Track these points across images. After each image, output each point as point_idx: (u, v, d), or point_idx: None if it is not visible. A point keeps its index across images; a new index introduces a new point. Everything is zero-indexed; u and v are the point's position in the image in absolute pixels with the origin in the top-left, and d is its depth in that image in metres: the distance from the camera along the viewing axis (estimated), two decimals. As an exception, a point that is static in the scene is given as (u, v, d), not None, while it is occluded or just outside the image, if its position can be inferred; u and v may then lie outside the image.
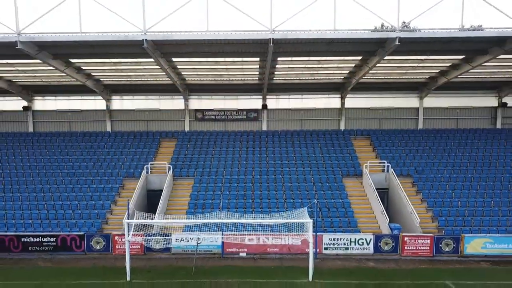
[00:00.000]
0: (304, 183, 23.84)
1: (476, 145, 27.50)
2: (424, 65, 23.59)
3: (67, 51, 19.84)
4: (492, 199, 22.14)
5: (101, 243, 18.46)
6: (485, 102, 29.64)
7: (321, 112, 29.62)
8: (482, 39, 19.05)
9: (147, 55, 19.74)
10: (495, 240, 18.22)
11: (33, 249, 18.47)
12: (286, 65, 23.09)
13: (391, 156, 26.17)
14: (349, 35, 18.01)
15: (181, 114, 29.75)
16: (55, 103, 29.82)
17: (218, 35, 17.97)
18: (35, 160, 26.45)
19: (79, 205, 22.06)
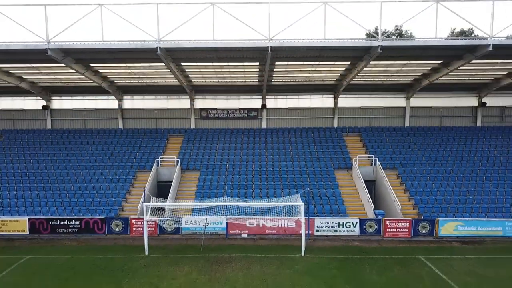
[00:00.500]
0: (299, 175, 26.16)
1: (457, 141, 29.76)
2: (407, 69, 25.88)
3: (89, 56, 22.17)
4: (467, 189, 24.46)
5: (120, 225, 20.79)
6: (467, 102, 31.89)
7: (315, 111, 31.90)
8: (454, 46, 21.37)
9: (159, 60, 22.07)
10: (465, 223, 20.53)
11: (60, 231, 20.79)
12: (283, 68, 25.38)
13: (379, 151, 28.47)
14: (337, 43, 20.32)
15: (187, 113, 32.03)
16: (71, 102, 32.09)
17: (223, 43, 20.27)
18: (55, 154, 28.71)
19: (97, 194, 24.41)
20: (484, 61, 23.84)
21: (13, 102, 32.08)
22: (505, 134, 30.41)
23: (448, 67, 24.25)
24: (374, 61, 22.58)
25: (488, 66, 25.33)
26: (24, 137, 30.81)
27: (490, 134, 30.66)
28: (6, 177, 26.17)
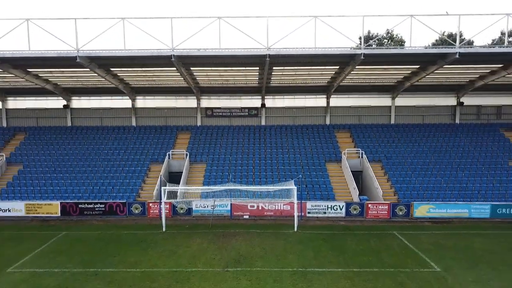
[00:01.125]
0: (294, 166, 29.18)
1: (437, 137, 32.73)
2: (390, 72, 28.87)
3: (111, 62, 25.19)
4: (442, 179, 27.46)
5: (138, 208, 23.82)
6: (446, 101, 34.85)
7: (310, 109, 34.89)
8: (427, 54, 24.39)
9: (171, 65, 25.08)
10: (436, 206, 23.57)
11: (88, 213, 23.84)
12: (280, 72, 28.35)
13: (366, 145, 31.47)
14: (325, 51, 23.31)
15: (194, 112, 35.02)
16: (89, 102, 35.08)
17: (228, 51, 23.26)
18: (76, 148, 31.70)
19: (116, 183, 27.43)
20: (457, 66, 26.80)
21: (36, 102, 35.08)
22: (480, 131, 33.40)
23: (425, 71, 27.23)
24: (359, 66, 25.57)
25: (462, 70, 28.30)
26: (47, 133, 33.80)
27: (467, 130, 33.63)
28: (34, 168, 29.19)
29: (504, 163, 29.21)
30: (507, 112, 35.00)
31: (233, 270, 15.08)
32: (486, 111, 35.22)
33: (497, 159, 29.62)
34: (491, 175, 27.75)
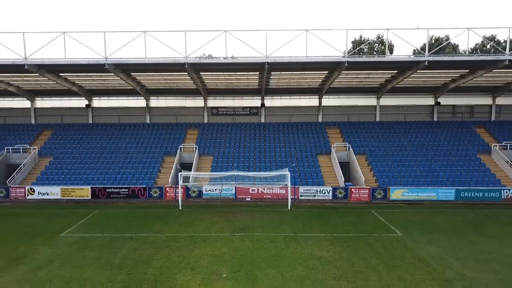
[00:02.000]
0: (290, 158, 32.88)
1: (416, 133, 36.39)
2: (373, 76, 32.55)
3: (133, 68, 28.89)
4: (417, 168, 31.17)
5: (157, 192, 27.55)
6: (425, 101, 38.53)
7: (304, 109, 38.58)
8: (402, 62, 28.07)
9: (184, 71, 28.78)
10: (409, 190, 27.29)
11: (114, 196, 27.57)
12: (277, 76, 32.04)
13: (353, 140, 35.13)
14: (315, 59, 27.02)
15: (201, 110, 38.72)
16: (108, 101, 38.77)
17: (232, 60, 27.01)
18: (98, 143, 35.38)
19: (135, 172, 31.14)
20: (430, 71, 30.51)
21: (61, 102, 38.77)
22: (455, 128, 37.08)
23: (402, 75, 30.94)
24: (345, 71, 29.29)
25: (435, 74, 32.02)
26: (71, 130, 37.51)
27: (443, 127, 37.30)
28: (63, 159, 32.90)
29: (473, 155, 32.92)
30: (479, 111, 38.68)
31: (239, 235, 18.81)
32: (461, 110, 38.91)
33: (467, 152, 33.32)
34: (460, 165, 31.44)
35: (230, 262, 15.14)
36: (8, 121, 38.92)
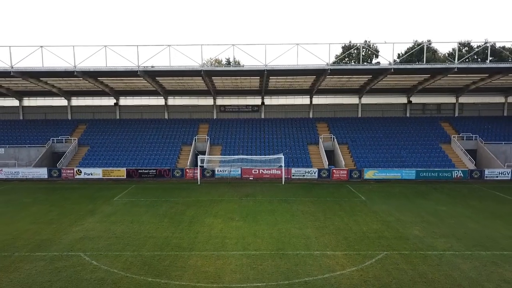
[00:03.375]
0: (285, 146, 38.92)
1: (391, 127, 42.41)
2: (353, 79, 38.58)
3: (159, 74, 34.95)
4: (388, 155, 37.24)
5: (179, 172, 33.66)
6: (399, 100, 44.55)
7: (298, 106, 44.63)
8: (373, 69, 34.08)
9: (199, 76, 34.83)
10: (379, 171, 33.38)
11: (144, 176, 33.68)
12: (275, 80, 38.08)
13: (338, 132, 41.18)
14: (304, 67, 33.06)
15: (211, 108, 44.78)
16: (132, 100, 44.83)
17: (238, 67, 33.09)
18: (125, 135, 41.42)
19: (159, 157, 37.23)
20: (399, 75, 36.55)
21: (93, 100, 44.84)
22: (424, 122, 43.12)
23: (376, 79, 37.00)
24: (329, 75, 35.33)
25: (404, 78, 38.06)
26: (102, 124, 43.59)
27: (414, 122, 43.35)
28: (99, 148, 38.96)
29: (436, 144, 38.99)
30: (445, 108, 44.74)
31: (245, 198, 24.95)
32: (429, 108, 44.98)
33: (431, 142, 39.40)
34: (424, 152, 37.53)
35: (239, 212, 21.31)
36: (48, 117, 45.01)
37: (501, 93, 43.42)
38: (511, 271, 13.00)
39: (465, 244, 15.84)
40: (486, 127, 41.76)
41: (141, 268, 13.25)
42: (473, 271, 12.96)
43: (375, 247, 15.48)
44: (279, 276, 12.58)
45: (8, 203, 24.33)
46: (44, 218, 20.30)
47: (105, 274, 12.79)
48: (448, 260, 13.99)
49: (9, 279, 12.49)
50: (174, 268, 13.27)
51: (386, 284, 11.92)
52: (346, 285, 11.88)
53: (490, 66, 34.02)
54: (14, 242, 16.35)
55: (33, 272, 13.10)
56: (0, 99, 44.40)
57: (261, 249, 15.15)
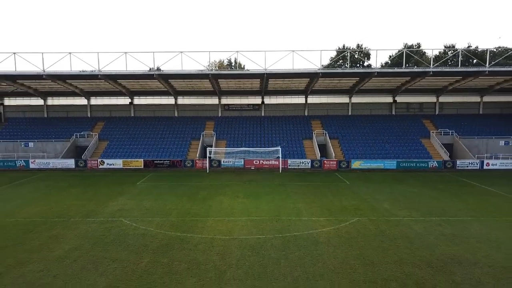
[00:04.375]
0: (282, 140, 42.77)
1: (378, 124, 46.16)
2: (343, 81, 42.40)
3: (172, 77, 38.78)
4: (374, 148, 41.11)
5: (189, 163, 37.54)
6: (386, 99, 48.32)
7: (294, 105, 48.42)
8: (360, 72, 37.90)
9: (207, 78, 38.66)
10: (364, 161, 37.25)
11: (159, 166, 37.55)
12: (274, 81, 41.89)
13: (330, 129, 44.99)
14: (299, 71, 36.88)
15: (216, 107, 48.58)
16: (145, 100, 48.62)
17: (242, 71, 36.81)
18: (140, 131, 45.21)
19: (171, 150, 41.10)
20: (383, 78, 40.37)
21: (110, 100, 48.63)
22: (408, 120, 46.88)
23: (363, 81, 40.83)
24: (321, 78, 39.15)
25: (388, 80, 41.86)
26: (118, 122, 47.41)
27: (399, 119, 47.14)
28: (117, 142, 42.85)
29: (417, 139, 42.81)
30: (427, 107, 48.51)
31: (248, 183, 28.84)
32: (413, 106, 48.76)
33: (412, 137, 43.20)
34: (406, 146, 41.36)
35: (243, 192, 25.23)
36: (70, 115, 48.83)
37: (477, 93, 47.14)
38: (450, 229, 16.93)
39: (421, 213, 19.77)
40: (463, 124, 45.51)
41: (171, 228, 17.19)
42: (420, 229, 16.90)
43: (351, 215, 19.41)
44: (275, 232, 16.52)
45: (49, 187, 28.24)
46: (83, 197, 24.22)
47: (144, 231, 16.73)
48: (404, 223, 17.93)
49: (73, 234, 16.43)
50: (196, 228, 17.21)
51: (354, 237, 15.85)
52: (324, 237, 15.81)
53: (460, 70, 37.86)
54: (67, 212, 20.30)
55: (89, 230, 17.04)
56: (26, 98, 48.18)
57: (261, 216, 19.09)
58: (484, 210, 20.43)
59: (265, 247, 14.54)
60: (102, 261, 13.25)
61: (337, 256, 13.57)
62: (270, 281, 11.55)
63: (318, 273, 12.14)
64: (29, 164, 37.77)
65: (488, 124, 45.12)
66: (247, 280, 11.65)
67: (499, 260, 13.24)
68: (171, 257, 13.59)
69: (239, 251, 14.12)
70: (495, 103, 47.79)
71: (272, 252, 14.00)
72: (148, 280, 11.70)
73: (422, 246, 14.68)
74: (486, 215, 19.49)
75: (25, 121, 47.73)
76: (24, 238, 15.92)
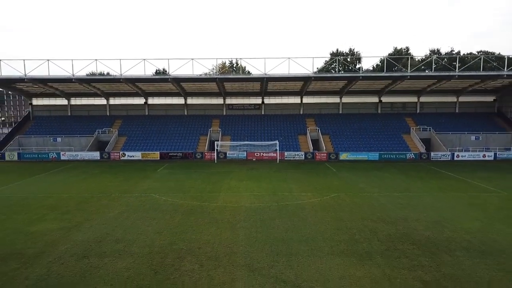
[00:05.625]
0: (280, 136, 47.26)
1: (366, 121, 50.56)
2: (333, 84, 46.87)
3: (184, 80, 43.26)
4: (360, 142, 45.60)
5: (199, 155, 42.06)
6: (372, 99, 52.67)
7: (291, 105, 52.81)
8: (347, 76, 42.39)
9: (214, 81, 43.13)
10: (351, 153, 41.75)
11: (173, 157, 42.08)
12: (272, 84, 46.33)
13: (323, 126, 49.42)
14: (294, 75, 41.34)
15: (221, 106, 53.01)
16: (158, 100, 53.06)
17: (245, 75, 41.28)
18: (154, 127, 49.67)
19: (182, 144, 45.61)
20: (368, 81, 44.82)
21: (126, 100, 53.09)
22: (392, 118, 51.29)
23: (351, 83, 45.30)
24: (314, 81, 43.62)
25: (373, 83, 46.31)
26: (134, 120, 51.85)
27: (384, 117, 51.56)
28: (135, 137, 47.33)
29: (398, 134, 47.27)
30: (409, 106, 52.91)
31: (250, 170, 33.36)
32: (397, 106, 53.19)
33: (395, 133, 47.66)
34: (388, 140, 45.85)
35: (247, 177, 29.75)
36: (91, 113, 53.27)
37: (453, 94, 51.55)
38: (406, 200, 21.46)
39: (388, 190, 24.33)
40: (441, 121, 49.95)
41: (192, 200, 21.75)
42: (384, 201, 21.45)
43: (332, 192, 23.96)
44: (272, 202, 21.07)
45: (84, 173, 32.78)
46: (116, 180, 28.77)
47: (172, 202, 21.27)
48: (373, 197, 22.47)
49: (118, 204, 20.98)
50: (211, 199, 21.76)
51: (331, 205, 20.37)
52: (308, 205, 20.35)
53: (434, 74, 42.32)
54: (107, 190, 24.85)
55: (129, 201, 21.59)
56: (52, 98, 52.66)
57: (261, 192, 23.66)
58: (438, 189, 24.98)
59: (264, 210, 19.09)
60: (145, 219, 17.79)
61: (317, 216, 18.11)
62: (267, 229, 16.08)
63: (302, 224, 16.69)
64: (60, 156, 42.31)
65: (462, 122, 49.60)
66: (251, 228, 16.18)
67: (434, 217, 17.80)
68: (195, 216, 18.15)
69: (245, 213, 18.66)
70: (469, 103, 52.21)
71: (269, 213, 18.55)
72: (182, 228, 16.25)
73: (381, 210, 19.22)
74: (438, 191, 24.04)
75: (51, 119, 52.22)
76: (82, 206, 20.48)
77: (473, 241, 14.52)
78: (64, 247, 13.96)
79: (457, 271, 11.71)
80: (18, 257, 13.03)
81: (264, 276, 11.38)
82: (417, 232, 15.60)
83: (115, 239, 14.78)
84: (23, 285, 10.96)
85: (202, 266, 12.14)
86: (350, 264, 12.28)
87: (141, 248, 13.74)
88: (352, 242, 14.43)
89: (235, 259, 12.63)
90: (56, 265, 12.32)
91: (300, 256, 12.88)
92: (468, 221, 17.18)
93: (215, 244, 14.19)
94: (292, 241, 14.42)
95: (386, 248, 13.76)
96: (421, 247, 13.80)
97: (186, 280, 11.14)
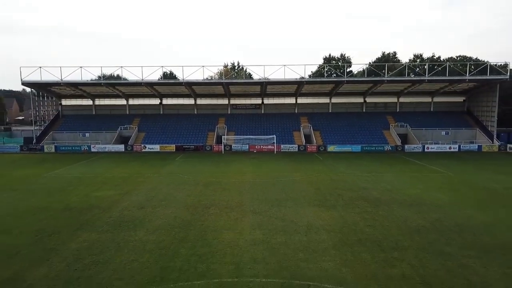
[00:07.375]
0: (277, 132, 52.83)
1: (352, 119, 56.06)
2: (323, 86, 52.44)
3: (195, 84, 48.86)
4: (346, 137, 51.17)
5: (208, 148, 47.69)
6: (358, 100, 58.03)
7: (287, 105, 58.29)
8: (335, 80, 47.94)
9: (221, 85, 48.71)
10: (337, 146, 47.35)
11: (186, 150, 47.68)
12: (271, 87, 51.88)
13: (314, 123, 54.91)
14: (289, 79, 46.92)
15: (226, 106, 58.56)
16: (172, 100, 58.58)
17: (247, 80, 46.82)
18: (168, 125, 55.26)
19: (193, 139, 51.23)
20: (354, 84, 50.40)
21: (144, 100, 58.63)
22: (375, 116, 56.76)
23: (338, 86, 50.90)
24: (306, 85, 49.23)
25: (358, 85, 51.89)
26: (150, 118, 57.38)
27: (368, 116, 57.04)
28: (153, 133, 52.96)
29: (379, 130, 52.80)
30: (390, 106, 58.37)
31: (252, 159, 39.01)
32: (379, 105, 58.69)
33: (376, 129, 53.21)
34: (370, 135, 51.42)
35: (249, 163, 35.43)
36: (113, 112, 58.84)
37: (428, 95, 57.05)
38: (372, 178, 27.10)
39: (361, 172, 29.99)
40: (417, 119, 55.47)
41: (207, 178, 27.44)
42: (356, 178, 27.11)
43: (316, 173, 29.62)
44: (269, 178, 26.78)
45: (116, 161, 38.42)
46: (144, 165, 34.44)
47: (193, 179, 26.96)
48: (348, 176, 28.13)
49: (152, 180, 26.67)
50: (222, 177, 27.45)
51: (314, 181, 26.03)
52: (297, 180, 26.04)
53: (407, 79, 47.91)
54: (140, 172, 30.54)
55: (161, 179, 27.28)
56: (79, 99, 58.27)
57: (260, 173, 29.37)
58: (400, 171, 30.66)
59: (263, 184, 24.78)
60: (176, 189, 23.47)
61: (301, 186, 23.81)
62: (265, 193, 21.75)
63: (290, 191, 22.38)
64: (90, 149, 47.96)
65: (436, 119, 55.13)
66: (254, 193, 21.86)
67: (388, 187, 23.48)
68: (213, 187, 23.86)
69: (249, 185, 24.35)
70: (443, 103, 57.68)
71: (267, 185, 24.24)
72: (204, 193, 21.94)
73: (351, 184, 24.90)
74: (399, 172, 29.72)
75: (78, 117, 57.80)
76: (125, 182, 26.14)
77: (407, 199, 20.22)
78: (125, 203, 19.66)
79: (388, 213, 17.40)
80: (97, 208, 18.72)
81: (263, 215, 17.08)
82: (371, 196, 21.29)
83: (159, 199, 20.51)
84: (110, 220, 16.66)
85: (222, 211, 17.86)
86: (320, 211, 17.96)
87: (178, 203, 19.46)
88: (323, 200, 20.12)
89: (243, 208, 18.35)
90: (125, 211, 18.02)
91: (287, 207, 18.58)
92: (411, 190, 22.86)
93: (229, 201, 19.89)
94: (282, 199, 20.12)
95: (346, 203, 19.45)
96: (370, 203, 19.47)
97: (212, 217, 16.83)
